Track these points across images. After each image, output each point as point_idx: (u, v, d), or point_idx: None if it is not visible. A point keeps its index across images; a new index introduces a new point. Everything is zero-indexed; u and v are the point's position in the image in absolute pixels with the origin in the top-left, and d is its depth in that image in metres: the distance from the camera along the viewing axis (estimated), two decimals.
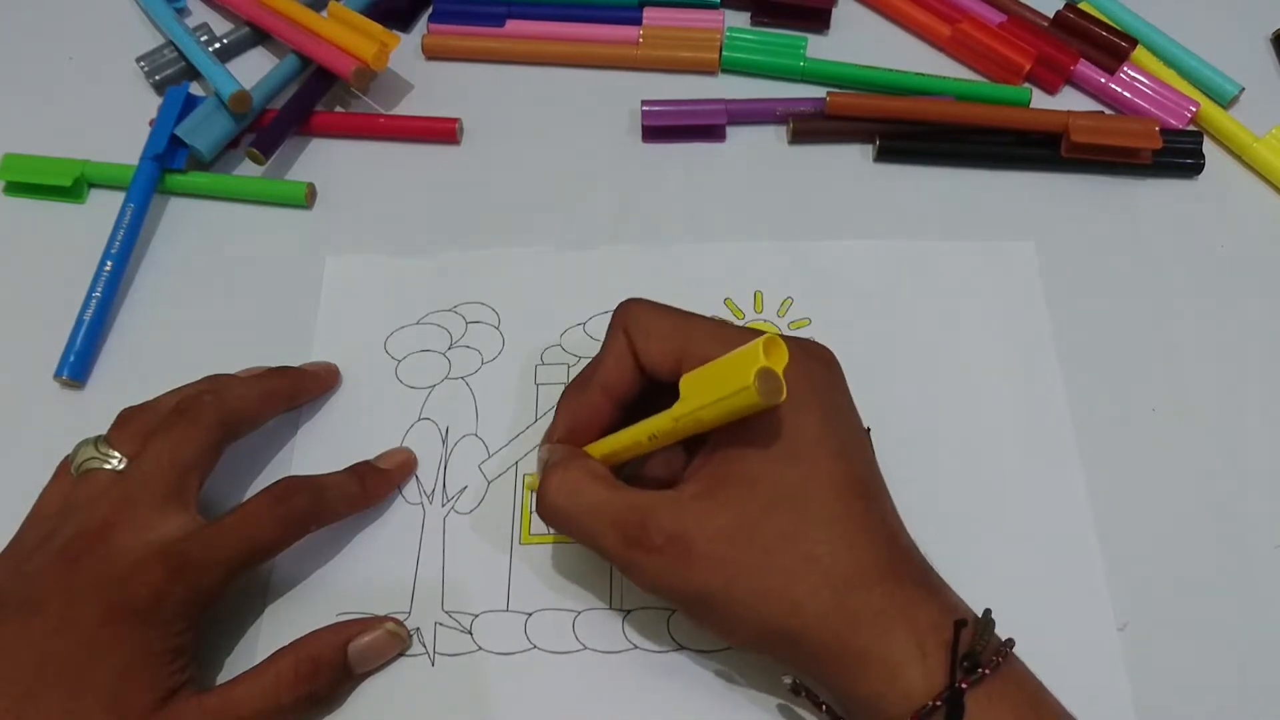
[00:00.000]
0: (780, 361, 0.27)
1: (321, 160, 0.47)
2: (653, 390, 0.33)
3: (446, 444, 0.39)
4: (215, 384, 0.36)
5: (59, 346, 0.40)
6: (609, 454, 0.33)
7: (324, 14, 0.48)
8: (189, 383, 0.36)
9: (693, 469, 0.31)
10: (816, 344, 0.32)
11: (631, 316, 0.33)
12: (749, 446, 0.29)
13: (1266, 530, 0.37)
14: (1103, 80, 0.48)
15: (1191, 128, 0.47)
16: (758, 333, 0.31)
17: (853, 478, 0.30)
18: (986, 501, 0.37)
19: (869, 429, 0.33)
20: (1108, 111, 0.48)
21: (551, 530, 0.35)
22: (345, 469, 0.36)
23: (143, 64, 0.49)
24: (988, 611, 0.29)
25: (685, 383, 0.29)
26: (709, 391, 0.28)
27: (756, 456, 0.29)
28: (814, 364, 0.31)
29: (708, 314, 0.41)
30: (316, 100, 0.47)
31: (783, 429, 0.29)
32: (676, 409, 0.30)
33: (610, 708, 0.33)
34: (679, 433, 0.30)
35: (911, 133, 0.46)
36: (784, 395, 0.27)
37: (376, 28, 0.47)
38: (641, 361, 0.32)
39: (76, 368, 0.40)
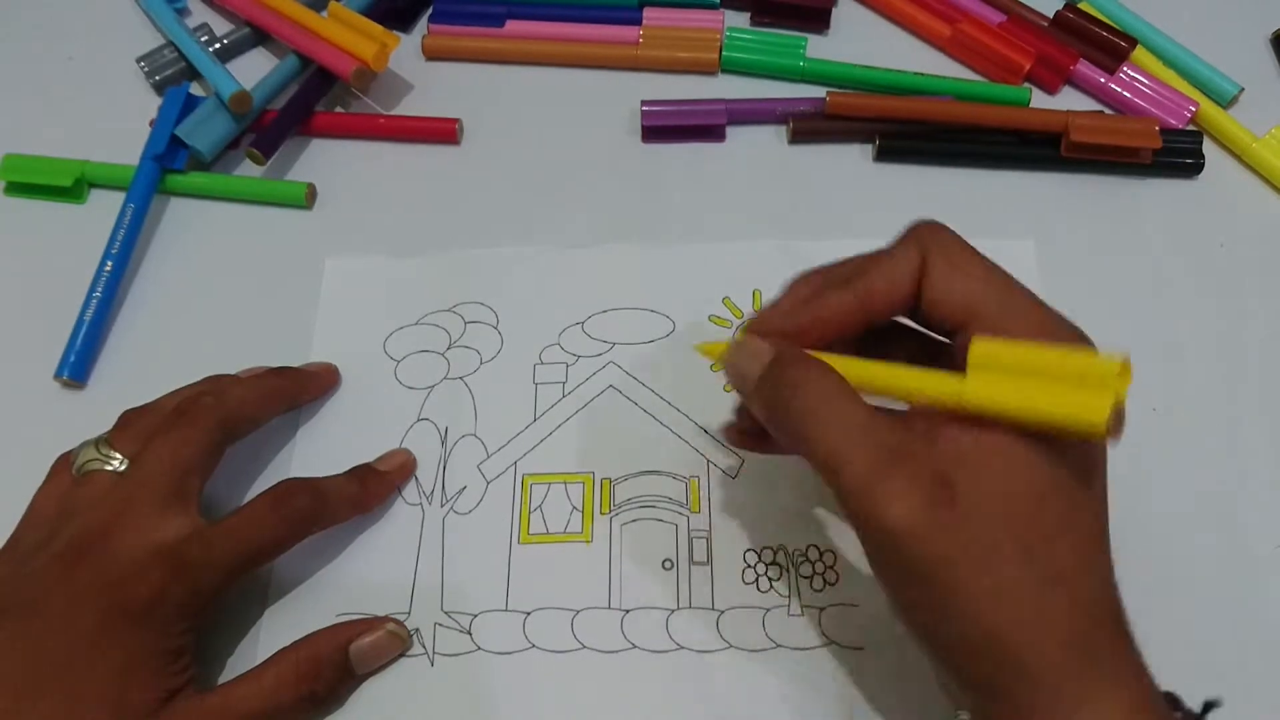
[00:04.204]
0: (1125, 386, 0.23)
1: (321, 160, 0.47)
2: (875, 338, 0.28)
3: (445, 444, 0.39)
4: (215, 385, 0.36)
5: (59, 346, 0.40)
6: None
7: (324, 14, 0.48)
8: (189, 383, 0.36)
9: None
10: None
11: (938, 240, 0.27)
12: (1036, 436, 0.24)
13: (1266, 530, 0.37)
14: (1102, 80, 0.48)
15: (1191, 128, 0.47)
16: (1080, 333, 0.26)
17: (1106, 532, 0.26)
18: None
19: None
20: (1108, 111, 0.48)
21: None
22: (345, 472, 0.36)
23: (143, 64, 0.49)
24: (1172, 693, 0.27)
25: (980, 352, 0.24)
26: (1031, 394, 0.23)
27: (1041, 458, 0.25)
28: None
29: (706, 315, 0.41)
30: (316, 100, 0.47)
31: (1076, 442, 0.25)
32: (971, 386, 0.24)
33: (609, 708, 0.33)
34: (949, 407, 0.24)
35: (911, 132, 0.46)
36: (1120, 435, 0.23)
37: (376, 28, 0.47)
38: (926, 291, 0.27)
39: (76, 368, 0.40)
